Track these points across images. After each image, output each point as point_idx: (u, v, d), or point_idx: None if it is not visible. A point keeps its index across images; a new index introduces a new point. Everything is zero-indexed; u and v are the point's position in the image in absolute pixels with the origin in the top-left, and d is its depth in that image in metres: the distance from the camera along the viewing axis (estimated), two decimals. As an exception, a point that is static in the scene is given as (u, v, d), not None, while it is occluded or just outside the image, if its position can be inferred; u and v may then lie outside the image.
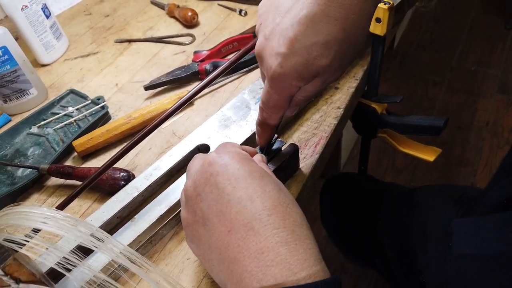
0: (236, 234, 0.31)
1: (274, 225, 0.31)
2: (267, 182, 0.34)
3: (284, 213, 0.32)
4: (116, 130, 0.56)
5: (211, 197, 0.33)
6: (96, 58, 0.73)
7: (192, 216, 0.35)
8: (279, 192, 0.33)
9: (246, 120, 0.52)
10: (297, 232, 0.31)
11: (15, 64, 0.60)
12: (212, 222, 0.33)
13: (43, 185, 0.54)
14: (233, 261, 0.31)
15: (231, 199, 0.32)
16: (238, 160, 0.35)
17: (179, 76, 0.63)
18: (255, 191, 0.32)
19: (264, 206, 0.31)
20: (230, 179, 0.33)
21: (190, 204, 0.35)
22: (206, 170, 0.35)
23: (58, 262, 0.32)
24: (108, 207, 0.46)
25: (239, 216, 0.32)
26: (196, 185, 0.35)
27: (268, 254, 0.30)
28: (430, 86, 1.90)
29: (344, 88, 0.60)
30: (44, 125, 0.60)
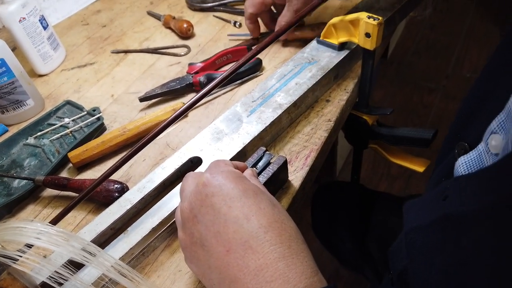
0: (235, 253, 0.32)
1: (271, 241, 0.32)
2: (261, 199, 0.35)
3: (280, 229, 0.33)
4: (111, 141, 0.57)
5: (207, 218, 0.34)
6: (93, 68, 0.75)
7: (190, 237, 0.36)
8: (274, 209, 0.34)
9: (238, 133, 0.54)
10: (293, 247, 0.32)
11: (13, 76, 0.61)
12: (210, 243, 0.34)
13: (39, 196, 0.55)
14: (233, 279, 0.32)
15: (228, 219, 0.33)
16: (232, 180, 0.35)
17: (173, 88, 0.64)
18: (250, 209, 0.33)
19: (260, 223, 0.33)
20: (225, 199, 0.34)
21: (187, 226, 0.36)
22: (201, 192, 0.35)
23: (50, 276, 0.33)
24: (101, 219, 0.47)
25: (237, 235, 0.32)
26: (192, 207, 0.36)
27: (267, 271, 0.31)
28: (426, 94, 1.92)
29: (335, 101, 0.61)
30: (40, 136, 0.61)
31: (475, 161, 0.36)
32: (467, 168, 0.37)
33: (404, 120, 1.79)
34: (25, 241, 0.32)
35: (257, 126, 0.54)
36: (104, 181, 0.47)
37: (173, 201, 0.48)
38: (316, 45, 0.64)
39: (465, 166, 0.37)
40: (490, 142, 0.33)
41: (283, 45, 0.72)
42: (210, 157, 0.51)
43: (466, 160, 0.37)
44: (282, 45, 0.72)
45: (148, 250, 0.47)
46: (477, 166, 0.36)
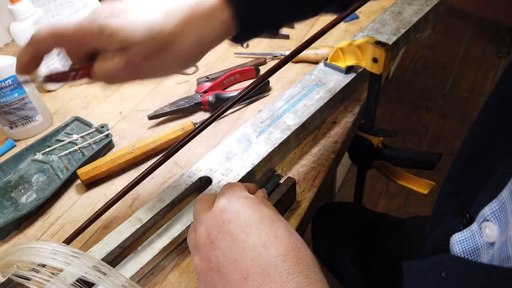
0: (253, 281, 0.32)
1: (289, 270, 0.32)
2: (278, 227, 0.35)
3: (297, 257, 0.33)
4: (120, 159, 0.58)
5: (225, 244, 0.34)
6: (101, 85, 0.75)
7: (206, 263, 0.36)
8: (290, 236, 0.35)
9: (248, 154, 0.54)
10: (310, 276, 0.32)
11: (23, 92, 0.62)
12: (228, 269, 0.34)
13: (47, 212, 0.55)
14: None
15: (245, 246, 0.33)
16: (249, 206, 0.36)
17: (182, 107, 0.65)
18: (267, 237, 0.34)
19: (278, 252, 0.33)
20: (242, 226, 0.34)
21: (203, 251, 0.36)
22: (218, 218, 0.36)
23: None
24: (111, 238, 0.47)
25: (254, 263, 0.33)
26: (209, 232, 0.36)
27: None
28: (424, 112, 1.94)
29: (342, 123, 0.62)
30: (48, 152, 0.62)
31: (468, 241, 0.36)
32: (461, 247, 0.37)
33: (402, 138, 1.80)
34: (41, 262, 0.33)
35: (266, 147, 0.55)
36: (119, 200, 0.48)
37: (182, 220, 0.48)
38: (323, 67, 0.65)
39: (459, 245, 0.37)
40: (484, 230, 0.34)
41: (290, 66, 0.73)
42: (220, 177, 0.52)
43: (460, 238, 0.37)
44: (289, 65, 0.73)
45: (157, 269, 0.47)
46: (471, 246, 0.36)
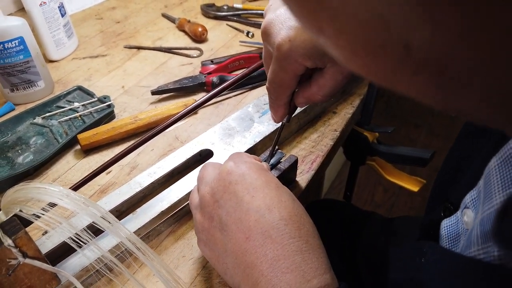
0: (254, 241, 0.33)
1: (291, 234, 0.33)
2: (282, 192, 0.36)
3: (299, 223, 0.34)
4: (122, 128, 0.58)
5: (229, 204, 0.35)
6: (105, 60, 0.76)
7: (209, 221, 0.37)
8: (294, 203, 0.35)
9: (250, 131, 0.55)
10: (310, 242, 0.33)
11: (29, 55, 0.62)
12: (230, 228, 0.34)
13: (43, 173, 0.55)
14: (249, 265, 0.33)
15: (250, 208, 0.34)
16: (255, 171, 0.36)
17: (186, 85, 0.66)
18: (272, 201, 0.34)
19: (281, 216, 0.33)
20: (248, 189, 0.35)
21: (207, 210, 0.37)
22: (225, 178, 0.36)
23: (70, 237, 0.33)
24: (110, 199, 0.47)
25: (258, 224, 0.33)
26: (214, 192, 0.36)
27: (284, 262, 0.31)
28: (412, 128, 1.99)
29: (342, 113, 0.63)
30: (48, 117, 0.61)
31: (453, 227, 0.38)
32: (447, 231, 0.39)
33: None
34: (49, 201, 0.33)
35: (268, 126, 0.56)
36: (115, 163, 0.48)
37: (181, 190, 0.49)
38: (327, 59, 0.67)
39: (445, 230, 0.39)
40: (463, 217, 0.35)
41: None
42: (221, 151, 0.53)
43: (447, 224, 0.39)
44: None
45: (153, 233, 0.47)
46: (454, 232, 0.38)
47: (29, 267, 0.35)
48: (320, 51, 0.35)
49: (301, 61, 0.36)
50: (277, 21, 0.36)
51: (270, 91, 0.41)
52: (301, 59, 0.35)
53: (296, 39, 0.34)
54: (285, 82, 0.39)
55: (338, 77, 0.38)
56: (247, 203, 0.34)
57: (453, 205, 0.38)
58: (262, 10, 0.87)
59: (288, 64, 0.36)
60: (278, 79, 0.39)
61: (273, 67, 0.38)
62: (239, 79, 0.52)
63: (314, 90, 0.39)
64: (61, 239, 0.43)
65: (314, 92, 0.40)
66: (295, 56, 0.35)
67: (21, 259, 0.34)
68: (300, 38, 0.34)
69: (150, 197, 0.49)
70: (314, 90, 0.39)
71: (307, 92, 0.40)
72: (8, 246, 0.33)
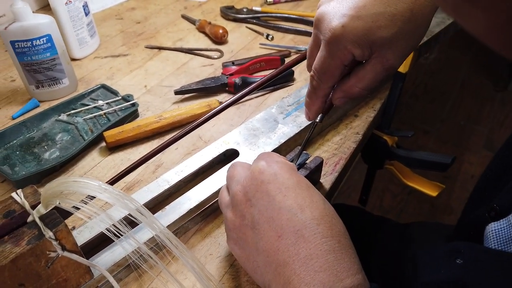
0: (287, 239, 0.33)
1: (323, 234, 0.33)
2: (314, 193, 0.36)
3: (330, 223, 0.34)
4: (147, 127, 0.58)
5: (261, 203, 0.35)
6: (126, 59, 0.76)
7: (240, 219, 0.37)
8: (325, 203, 0.36)
9: (274, 132, 0.56)
10: (342, 242, 0.33)
11: (55, 53, 0.63)
12: (263, 227, 0.35)
13: (69, 170, 0.55)
14: (281, 264, 0.33)
15: (282, 207, 0.34)
16: (287, 170, 0.37)
17: (209, 86, 0.66)
18: (304, 200, 0.35)
19: (313, 215, 0.34)
20: (280, 188, 0.35)
21: (239, 208, 0.37)
22: (257, 178, 0.36)
23: (107, 228, 0.34)
24: (139, 196, 0.48)
25: (290, 223, 0.34)
26: (246, 190, 0.37)
27: (317, 261, 0.32)
28: (421, 134, 1.99)
29: (363, 117, 0.64)
30: (73, 114, 0.62)
31: (505, 231, 0.37)
32: (495, 236, 0.38)
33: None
34: (90, 194, 0.33)
35: (292, 128, 0.56)
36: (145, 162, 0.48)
37: (208, 188, 0.49)
38: (349, 63, 0.68)
39: (494, 234, 0.38)
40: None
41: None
42: (247, 151, 0.53)
43: (496, 228, 0.38)
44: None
45: (181, 231, 0.47)
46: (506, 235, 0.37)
47: (66, 260, 0.36)
48: (369, 40, 0.36)
49: (350, 48, 0.37)
50: (331, 10, 0.37)
51: (313, 79, 0.42)
52: (350, 45, 0.37)
53: (348, 26, 0.36)
54: (331, 69, 0.40)
55: (378, 68, 0.39)
56: (279, 202, 0.35)
57: (500, 207, 0.38)
58: (280, 13, 0.88)
59: (337, 49, 0.38)
60: (325, 65, 0.40)
61: (321, 53, 0.39)
62: (264, 81, 0.53)
63: (352, 82, 0.41)
64: (92, 234, 0.43)
65: (353, 84, 0.41)
66: (346, 42, 0.37)
67: (60, 252, 0.34)
68: (353, 25, 0.36)
69: (176, 195, 0.50)
70: (353, 81, 0.41)
71: (345, 85, 0.42)
72: (49, 239, 0.33)
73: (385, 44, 0.37)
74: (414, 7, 0.35)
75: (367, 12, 0.35)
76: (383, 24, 0.35)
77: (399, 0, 0.35)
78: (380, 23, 0.35)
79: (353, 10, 0.35)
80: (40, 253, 0.33)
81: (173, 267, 0.44)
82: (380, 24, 0.35)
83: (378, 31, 0.36)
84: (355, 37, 0.36)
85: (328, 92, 0.43)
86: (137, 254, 0.36)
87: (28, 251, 0.32)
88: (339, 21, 0.36)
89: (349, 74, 0.41)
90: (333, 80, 0.41)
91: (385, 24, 0.35)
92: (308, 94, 0.44)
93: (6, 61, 0.76)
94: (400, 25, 0.35)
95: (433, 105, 2.16)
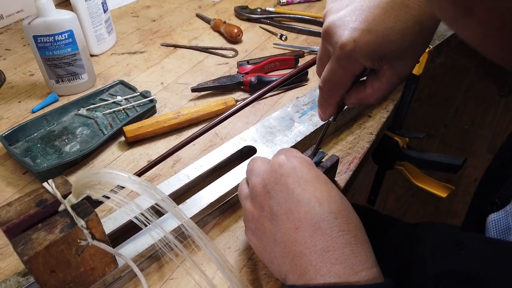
0: (304, 231, 0.34)
1: (340, 227, 0.34)
2: (331, 188, 0.37)
3: (347, 217, 0.35)
4: (165, 123, 0.60)
5: (280, 195, 0.36)
6: (142, 56, 0.78)
7: (259, 211, 0.38)
8: (342, 198, 0.37)
9: (291, 131, 0.57)
10: (359, 236, 0.34)
11: (76, 49, 0.64)
12: (281, 219, 0.36)
13: (89, 163, 0.57)
14: (298, 255, 0.34)
15: (301, 200, 0.35)
16: (306, 165, 0.38)
17: (225, 84, 0.68)
18: (322, 194, 0.36)
19: (330, 209, 0.35)
20: (299, 181, 0.36)
21: (258, 200, 0.38)
22: (277, 171, 0.38)
23: (136, 217, 0.35)
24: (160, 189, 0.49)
25: (308, 216, 0.35)
26: (265, 183, 0.38)
27: (333, 253, 0.33)
28: (425, 138, 1.99)
29: (376, 117, 0.65)
30: (93, 109, 0.63)
31: (503, 221, 0.39)
32: (495, 226, 0.39)
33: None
34: (121, 184, 0.34)
35: (308, 127, 0.57)
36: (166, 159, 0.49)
37: (227, 183, 0.50)
38: (363, 64, 0.69)
39: (494, 224, 0.40)
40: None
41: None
42: (264, 148, 0.54)
43: (495, 218, 0.40)
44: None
45: (200, 224, 0.48)
46: (504, 225, 0.39)
47: (95, 249, 0.37)
48: (381, 54, 0.37)
49: (362, 61, 0.37)
50: (340, 23, 0.37)
51: (324, 90, 0.42)
52: (362, 59, 0.37)
53: (360, 40, 0.36)
54: (342, 81, 0.40)
55: (394, 80, 0.39)
56: (298, 195, 0.36)
57: (501, 200, 0.40)
58: (293, 14, 0.89)
59: (349, 63, 0.38)
60: (335, 78, 0.40)
61: (331, 66, 0.39)
62: (281, 82, 0.54)
63: (368, 93, 0.41)
64: (116, 224, 0.45)
65: (368, 95, 0.41)
66: (357, 56, 0.37)
67: (90, 241, 0.35)
68: (364, 39, 0.36)
69: (194, 190, 0.51)
70: (369, 92, 0.41)
71: (360, 94, 0.42)
72: (81, 227, 0.34)
73: (396, 56, 0.37)
74: (423, 19, 0.35)
75: (377, 27, 0.35)
76: (394, 39, 0.35)
77: (408, 14, 0.35)
78: (391, 37, 0.35)
79: (364, 24, 0.35)
80: (72, 241, 0.34)
81: (195, 258, 0.45)
82: (391, 38, 0.35)
83: (389, 45, 0.36)
84: (367, 51, 0.36)
85: (340, 100, 0.43)
86: (163, 243, 0.37)
87: (61, 239, 0.33)
88: (350, 35, 0.36)
89: (365, 83, 0.42)
90: (343, 90, 0.41)
91: (396, 39, 0.35)
92: (319, 101, 0.45)
93: (25, 55, 0.77)
94: (411, 38, 0.36)
95: (437, 109, 2.17)
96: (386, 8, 0.35)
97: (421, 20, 0.35)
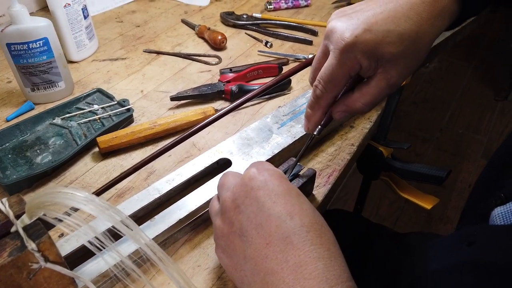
0: (275, 247, 0.33)
1: (312, 241, 0.33)
2: (304, 201, 0.36)
3: (320, 231, 0.34)
4: (141, 133, 0.58)
5: (250, 209, 0.35)
6: (124, 63, 0.76)
7: (228, 227, 0.37)
8: (314, 211, 0.35)
9: (268, 143, 0.55)
10: (332, 250, 0.33)
11: (52, 56, 0.62)
12: (250, 234, 0.34)
13: (61, 174, 0.55)
14: (270, 272, 0.32)
15: (271, 214, 0.34)
16: (277, 178, 0.37)
17: (205, 92, 0.66)
18: (293, 208, 0.34)
19: (302, 222, 0.33)
20: (270, 195, 0.35)
21: (227, 215, 0.37)
22: (247, 184, 0.36)
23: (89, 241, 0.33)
24: (129, 204, 0.47)
25: (279, 230, 0.33)
26: (235, 197, 0.37)
27: (306, 268, 0.31)
28: (419, 142, 1.98)
29: (359, 128, 0.63)
30: (68, 118, 0.62)
31: (508, 214, 0.39)
32: (503, 218, 0.39)
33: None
34: (75, 206, 0.33)
35: (286, 138, 0.56)
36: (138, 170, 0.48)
37: (199, 198, 0.49)
38: (347, 73, 0.67)
39: (501, 217, 0.39)
40: None
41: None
42: (240, 161, 0.53)
43: (503, 211, 0.39)
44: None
45: (169, 241, 0.47)
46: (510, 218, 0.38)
47: (49, 271, 0.35)
48: (378, 54, 0.39)
49: (359, 58, 0.39)
50: (343, 24, 0.40)
51: (317, 88, 0.43)
52: (360, 55, 0.39)
53: (361, 37, 0.38)
54: (337, 78, 0.41)
55: (382, 84, 0.41)
56: (269, 209, 0.35)
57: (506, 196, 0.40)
58: (280, 20, 0.87)
59: (347, 58, 0.39)
60: (332, 74, 0.41)
61: (330, 62, 0.41)
62: (261, 91, 0.53)
63: (356, 97, 0.42)
64: (79, 243, 0.43)
65: (356, 99, 0.42)
66: (356, 51, 0.39)
67: (43, 264, 0.34)
68: (365, 37, 0.38)
69: (166, 204, 0.49)
70: (356, 96, 0.42)
71: (348, 99, 0.43)
72: (31, 250, 0.33)
73: (391, 60, 0.39)
74: (419, 31, 0.38)
75: (378, 28, 0.38)
76: (392, 41, 0.38)
77: (407, 22, 0.38)
78: (390, 39, 0.38)
79: (365, 24, 0.38)
80: (22, 265, 0.33)
81: (159, 279, 0.43)
82: (390, 40, 0.38)
83: (387, 46, 0.38)
84: (366, 48, 0.38)
85: (330, 103, 0.44)
86: (119, 267, 0.35)
87: (9, 263, 0.32)
88: (352, 32, 0.38)
89: (353, 90, 0.43)
90: (337, 90, 0.43)
91: (393, 41, 0.38)
92: (310, 104, 0.45)
93: (3, 62, 0.76)
94: (407, 44, 0.38)
95: (432, 113, 2.16)
96: (388, 15, 0.38)
97: (417, 31, 0.38)
